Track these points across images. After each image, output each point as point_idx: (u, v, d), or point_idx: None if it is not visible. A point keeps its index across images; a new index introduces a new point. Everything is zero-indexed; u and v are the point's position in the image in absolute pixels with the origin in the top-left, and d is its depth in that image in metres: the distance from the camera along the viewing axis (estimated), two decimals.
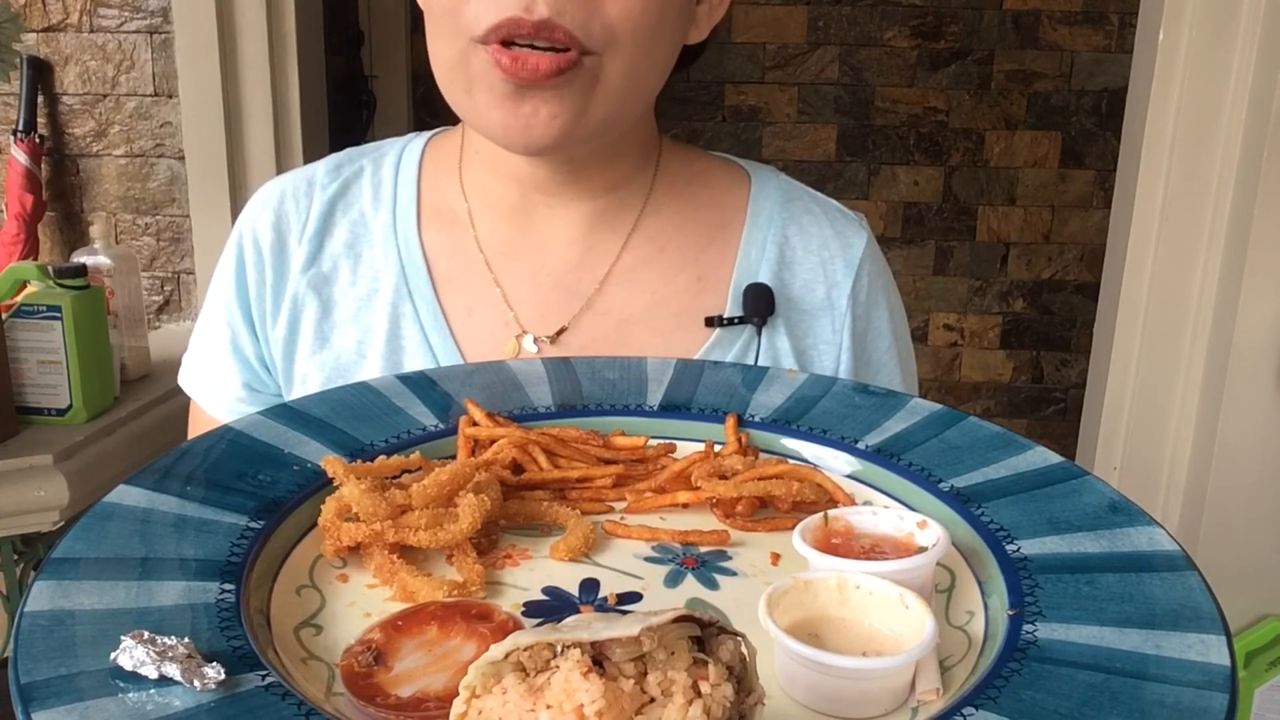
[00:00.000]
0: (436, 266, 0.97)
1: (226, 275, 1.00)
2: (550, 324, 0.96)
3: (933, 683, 0.56)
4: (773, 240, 0.99)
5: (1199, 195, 2.00)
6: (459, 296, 0.97)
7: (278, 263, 0.98)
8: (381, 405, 0.82)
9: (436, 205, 1.00)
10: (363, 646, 0.57)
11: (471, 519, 0.66)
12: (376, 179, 1.00)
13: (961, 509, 0.70)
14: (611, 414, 0.84)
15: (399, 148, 1.03)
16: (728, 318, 0.96)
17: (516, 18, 0.80)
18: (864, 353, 1.01)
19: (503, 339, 0.96)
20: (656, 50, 0.87)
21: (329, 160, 1.03)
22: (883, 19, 3.68)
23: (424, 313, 0.96)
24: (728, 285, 0.98)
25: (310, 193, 0.99)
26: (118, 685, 0.50)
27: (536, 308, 0.96)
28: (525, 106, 0.83)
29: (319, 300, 0.97)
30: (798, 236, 1.00)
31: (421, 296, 0.96)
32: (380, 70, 3.37)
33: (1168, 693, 0.51)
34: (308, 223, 0.98)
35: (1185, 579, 0.60)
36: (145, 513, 0.65)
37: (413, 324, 0.95)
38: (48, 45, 2.28)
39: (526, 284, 0.97)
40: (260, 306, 0.99)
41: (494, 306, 0.96)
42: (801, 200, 1.03)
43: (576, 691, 0.41)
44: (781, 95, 3.75)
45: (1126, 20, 3.58)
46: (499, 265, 0.97)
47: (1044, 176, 3.78)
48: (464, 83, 0.85)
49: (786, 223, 1.00)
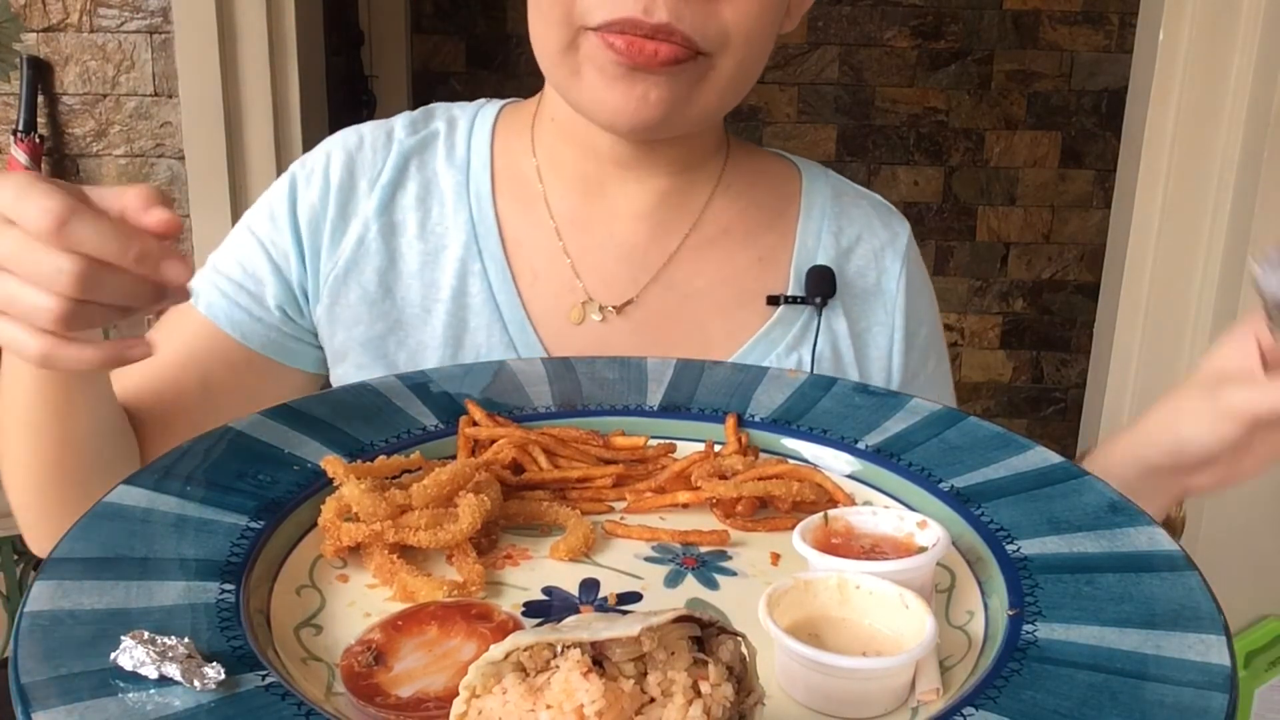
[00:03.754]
0: (507, 229, 0.99)
1: (280, 197, 0.99)
2: (616, 294, 0.98)
3: (933, 683, 0.56)
4: (828, 230, 1.03)
5: (1199, 195, 2.00)
6: (527, 260, 0.98)
7: (343, 200, 0.98)
8: (381, 405, 0.82)
9: (509, 170, 1.01)
10: (363, 646, 0.57)
11: (471, 519, 0.66)
12: (450, 140, 1.02)
13: (961, 509, 0.70)
14: (611, 414, 0.84)
15: (471, 112, 1.04)
16: (790, 296, 0.99)
17: (634, 18, 0.82)
18: (912, 338, 1.04)
19: (568, 305, 0.97)
20: (764, 48, 0.91)
21: (405, 116, 1.04)
22: (883, 19, 3.68)
23: (492, 272, 0.97)
24: (788, 267, 1.01)
25: (389, 144, 1.01)
26: (118, 685, 0.50)
27: (602, 278, 0.98)
28: (636, 89, 0.85)
29: (386, 249, 0.98)
30: (850, 226, 1.04)
31: (491, 256, 0.97)
32: (380, 70, 3.37)
33: (1168, 693, 0.51)
34: (382, 171, 0.99)
35: (1185, 579, 0.60)
36: (145, 513, 0.65)
37: (480, 281, 0.97)
38: (48, 45, 2.28)
39: (594, 254, 0.99)
40: (315, 237, 0.98)
41: (561, 273, 0.98)
42: (849, 194, 1.07)
43: (576, 691, 0.41)
44: (781, 95, 3.75)
45: (1126, 20, 3.58)
46: (569, 234, 0.99)
47: (1044, 176, 3.78)
48: (572, 65, 0.87)
49: (838, 214, 1.04)
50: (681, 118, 0.89)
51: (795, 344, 0.98)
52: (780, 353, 0.98)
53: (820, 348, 0.98)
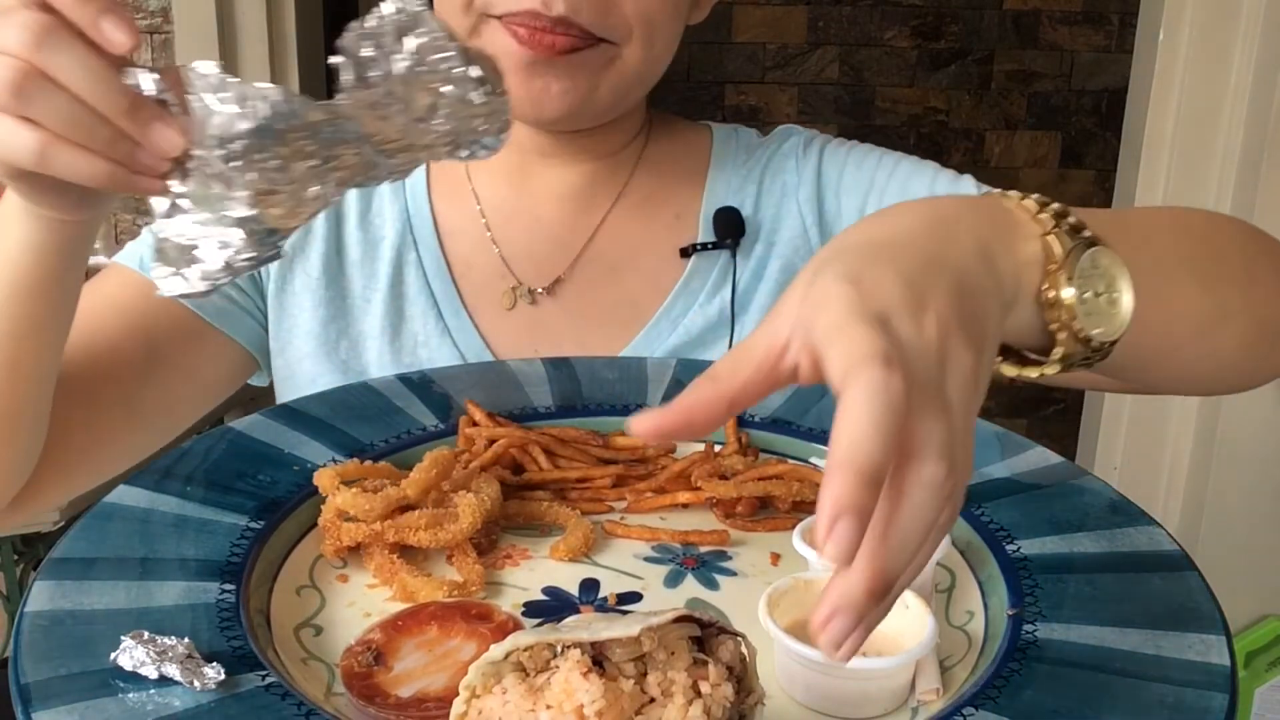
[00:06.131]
0: (441, 221, 1.01)
1: None
2: (545, 276, 0.99)
3: (933, 683, 0.56)
4: (735, 173, 1.02)
5: (1199, 195, 2.00)
6: (460, 251, 1.00)
7: None
8: (381, 405, 0.82)
9: (442, 164, 1.03)
10: (363, 646, 0.57)
11: (471, 519, 0.66)
12: None
13: (961, 509, 0.70)
14: (611, 414, 0.84)
15: None
16: (700, 244, 0.98)
17: (534, 10, 0.83)
18: (825, 189, 1.00)
19: (499, 291, 0.99)
20: (668, 38, 0.91)
21: None
22: (883, 19, 3.67)
23: (427, 263, 0.99)
24: (699, 218, 1.01)
25: None
26: (118, 685, 0.50)
27: (531, 262, 0.99)
28: (537, 81, 0.86)
29: (332, 236, 1.00)
30: (756, 166, 1.02)
31: (426, 247, 0.99)
32: None
33: (1168, 693, 0.51)
34: None
35: (1185, 579, 0.61)
36: (145, 513, 0.65)
37: (415, 271, 0.98)
38: None
39: (522, 239, 1.00)
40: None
41: (492, 261, 0.99)
42: (755, 138, 1.06)
43: (576, 692, 0.41)
44: (781, 95, 3.75)
45: (1126, 20, 3.57)
46: (497, 222, 1.00)
47: (1044, 176, 3.78)
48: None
49: (747, 158, 1.03)
50: (588, 109, 0.89)
51: (715, 290, 0.97)
52: (701, 301, 0.97)
53: (744, 287, 0.97)
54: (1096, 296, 0.55)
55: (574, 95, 0.87)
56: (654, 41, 0.89)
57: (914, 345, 0.44)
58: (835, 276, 0.46)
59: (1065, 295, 0.54)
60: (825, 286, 0.46)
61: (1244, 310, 0.66)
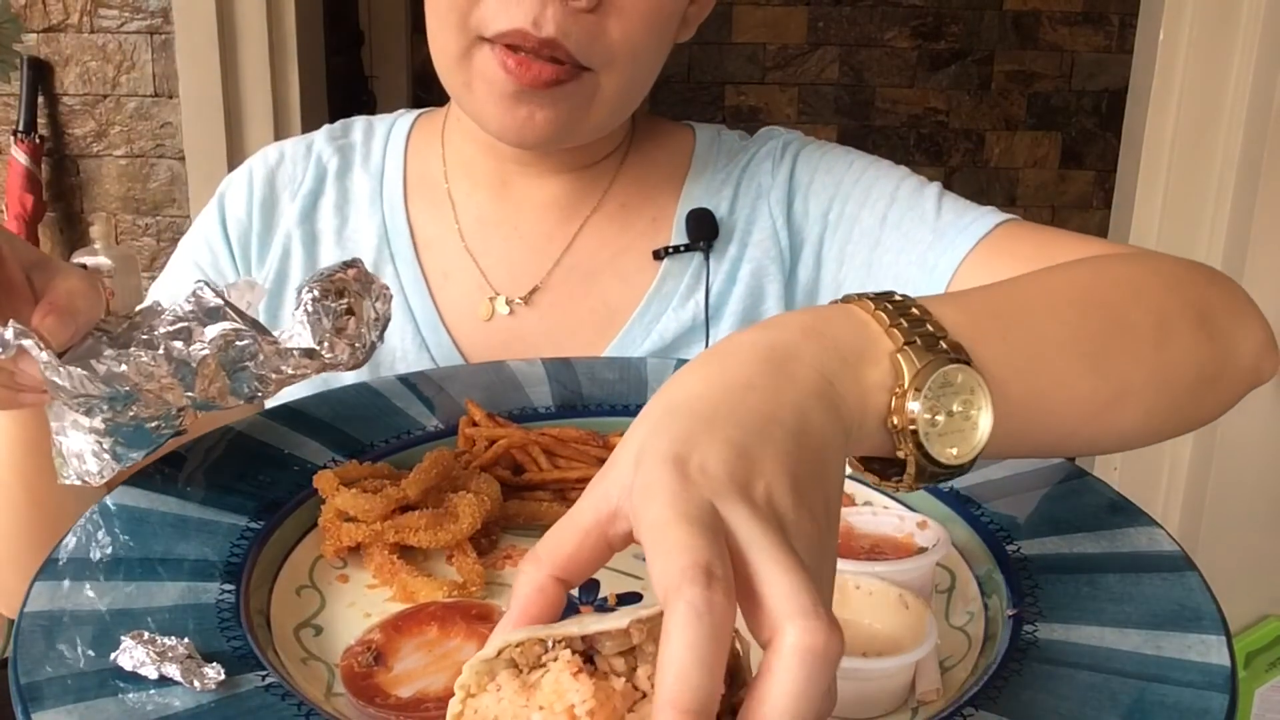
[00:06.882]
0: (418, 232, 1.01)
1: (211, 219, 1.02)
2: (523, 285, 0.99)
3: (933, 683, 0.56)
4: (715, 176, 1.02)
5: (1199, 195, 2.00)
6: (437, 261, 1.00)
7: (266, 213, 1.02)
8: (381, 405, 0.82)
9: (421, 174, 1.03)
10: (363, 647, 0.57)
11: (471, 519, 0.66)
12: (367, 148, 1.05)
13: (961, 509, 0.70)
14: (611, 414, 0.84)
15: (389, 122, 1.07)
16: (672, 247, 0.98)
17: (523, 30, 0.83)
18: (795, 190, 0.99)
19: (477, 301, 0.99)
20: (652, 63, 0.92)
21: (327, 128, 1.08)
22: (883, 19, 3.68)
23: (404, 274, 0.99)
24: (674, 222, 1.01)
25: (308, 156, 1.04)
26: (118, 685, 0.50)
27: (509, 271, 0.99)
28: (522, 109, 0.87)
29: (308, 259, 1.00)
30: (735, 169, 1.02)
31: (403, 258, 1.00)
32: (380, 70, 3.37)
33: (1168, 693, 0.51)
34: (303, 182, 1.02)
35: (1185, 579, 0.60)
36: (145, 513, 0.65)
37: (392, 284, 0.98)
38: (48, 46, 2.28)
39: (500, 248, 1.00)
40: (245, 246, 1.01)
41: (469, 272, 0.99)
42: (737, 141, 1.05)
43: (567, 692, 0.41)
44: (782, 96, 3.75)
45: (1126, 20, 3.58)
46: (473, 232, 1.00)
47: (1044, 177, 3.78)
48: (465, 76, 0.88)
49: (727, 161, 1.03)
50: (570, 134, 0.90)
51: (689, 293, 0.97)
52: (675, 305, 0.97)
53: (718, 289, 0.97)
54: (950, 416, 0.52)
55: (557, 124, 0.88)
56: (637, 68, 0.89)
57: (748, 528, 0.41)
58: (661, 458, 0.43)
59: (913, 420, 0.51)
60: (651, 470, 0.43)
61: (1148, 383, 0.62)
